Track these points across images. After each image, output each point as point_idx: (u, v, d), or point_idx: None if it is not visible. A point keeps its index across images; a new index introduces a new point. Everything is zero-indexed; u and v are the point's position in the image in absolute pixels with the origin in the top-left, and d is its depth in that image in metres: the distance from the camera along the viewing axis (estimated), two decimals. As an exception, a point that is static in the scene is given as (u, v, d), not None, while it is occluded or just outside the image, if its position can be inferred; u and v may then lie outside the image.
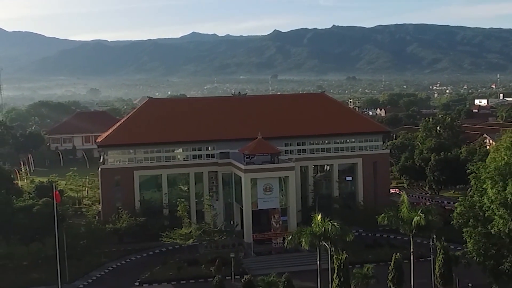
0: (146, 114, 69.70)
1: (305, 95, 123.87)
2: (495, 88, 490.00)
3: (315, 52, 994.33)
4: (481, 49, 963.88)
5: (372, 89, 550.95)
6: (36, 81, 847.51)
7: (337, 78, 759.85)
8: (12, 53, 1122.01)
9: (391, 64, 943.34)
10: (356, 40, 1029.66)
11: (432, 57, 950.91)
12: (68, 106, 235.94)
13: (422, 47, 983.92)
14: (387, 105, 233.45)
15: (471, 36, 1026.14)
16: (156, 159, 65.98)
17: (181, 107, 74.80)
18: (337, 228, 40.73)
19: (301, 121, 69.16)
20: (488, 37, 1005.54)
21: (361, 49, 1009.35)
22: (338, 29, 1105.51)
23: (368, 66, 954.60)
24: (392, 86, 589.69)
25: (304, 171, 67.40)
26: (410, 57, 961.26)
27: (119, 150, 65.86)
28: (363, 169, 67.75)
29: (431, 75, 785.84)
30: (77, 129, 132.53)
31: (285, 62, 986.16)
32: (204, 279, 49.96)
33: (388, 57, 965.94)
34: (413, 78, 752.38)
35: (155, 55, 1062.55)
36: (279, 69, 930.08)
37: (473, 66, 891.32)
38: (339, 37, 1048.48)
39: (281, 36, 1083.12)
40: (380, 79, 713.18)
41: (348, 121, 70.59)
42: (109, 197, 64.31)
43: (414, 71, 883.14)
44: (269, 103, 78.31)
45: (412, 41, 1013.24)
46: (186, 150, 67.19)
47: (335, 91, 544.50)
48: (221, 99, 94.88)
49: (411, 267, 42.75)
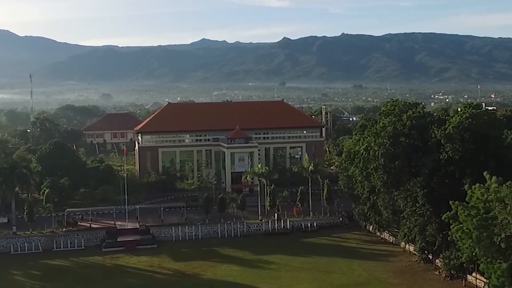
0: (166, 112, 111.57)
1: (270, 102, 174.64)
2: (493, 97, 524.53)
3: (324, 60, 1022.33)
4: (489, 59, 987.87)
5: (376, 97, 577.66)
6: (48, 85, 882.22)
7: (344, 86, 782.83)
8: (23, 57, 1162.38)
9: (399, 72, 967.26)
10: (364, 49, 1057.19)
11: (440, 66, 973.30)
12: (90, 110, 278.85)
13: (430, 56, 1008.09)
14: (371, 112, 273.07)
15: (480, 45, 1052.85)
16: (172, 141, 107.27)
17: (190, 109, 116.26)
18: (267, 170, 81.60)
19: (266, 118, 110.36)
20: (496, 47, 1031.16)
21: (370, 57, 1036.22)
22: (347, 37, 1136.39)
23: (376, 74, 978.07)
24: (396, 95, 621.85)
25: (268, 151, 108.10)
26: (418, 66, 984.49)
27: (149, 135, 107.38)
28: (306, 150, 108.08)
29: (438, 84, 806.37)
30: (107, 126, 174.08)
31: (293, 69, 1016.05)
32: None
33: (396, 66, 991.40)
34: (420, 87, 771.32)
35: (165, 61, 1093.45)
36: (288, 77, 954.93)
37: (481, 76, 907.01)
38: (348, 45, 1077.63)
39: (290, 43, 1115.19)
40: (386, 87, 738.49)
41: (297, 119, 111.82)
42: (143, 164, 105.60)
43: (422, 80, 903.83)
44: (246, 106, 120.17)
45: (420, 50, 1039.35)
46: (191, 136, 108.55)
47: (339, 98, 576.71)
48: (216, 104, 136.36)
49: (309, 194, 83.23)
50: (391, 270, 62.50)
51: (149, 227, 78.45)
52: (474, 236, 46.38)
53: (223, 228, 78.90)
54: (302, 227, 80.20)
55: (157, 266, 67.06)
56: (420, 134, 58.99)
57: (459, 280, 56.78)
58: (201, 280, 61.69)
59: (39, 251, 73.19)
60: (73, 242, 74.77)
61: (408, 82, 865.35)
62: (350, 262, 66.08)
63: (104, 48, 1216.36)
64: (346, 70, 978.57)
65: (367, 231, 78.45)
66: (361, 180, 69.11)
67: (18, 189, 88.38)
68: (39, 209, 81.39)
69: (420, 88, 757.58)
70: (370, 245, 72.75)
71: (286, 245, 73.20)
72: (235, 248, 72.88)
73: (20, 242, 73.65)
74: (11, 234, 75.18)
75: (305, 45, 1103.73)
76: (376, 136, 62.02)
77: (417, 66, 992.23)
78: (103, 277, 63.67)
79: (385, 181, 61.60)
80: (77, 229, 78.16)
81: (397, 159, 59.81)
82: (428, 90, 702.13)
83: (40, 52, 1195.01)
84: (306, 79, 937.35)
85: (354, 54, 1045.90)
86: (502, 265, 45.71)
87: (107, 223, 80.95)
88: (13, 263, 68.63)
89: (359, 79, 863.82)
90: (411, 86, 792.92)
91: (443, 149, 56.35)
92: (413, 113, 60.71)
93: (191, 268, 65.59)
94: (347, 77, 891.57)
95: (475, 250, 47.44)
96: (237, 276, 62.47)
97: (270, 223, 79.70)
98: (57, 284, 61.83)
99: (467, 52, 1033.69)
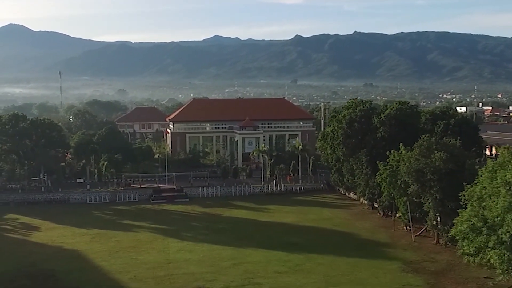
0: (192, 106, 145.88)
1: (274, 99, 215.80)
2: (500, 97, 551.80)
3: (336, 58, 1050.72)
4: (502, 58, 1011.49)
5: (385, 96, 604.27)
6: (62, 81, 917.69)
7: (356, 84, 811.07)
8: (38, 52, 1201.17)
9: (411, 71, 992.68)
10: (377, 47, 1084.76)
11: (453, 65, 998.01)
12: (114, 105, 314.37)
13: (442, 55, 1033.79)
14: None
15: (493, 45, 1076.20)
16: (196, 129, 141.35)
17: (210, 103, 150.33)
18: (268, 149, 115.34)
19: (270, 112, 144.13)
20: (510, 47, 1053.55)
21: (382, 56, 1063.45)
22: (359, 35, 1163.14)
23: (388, 73, 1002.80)
24: (405, 93, 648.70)
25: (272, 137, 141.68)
26: (430, 65, 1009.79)
27: (179, 124, 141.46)
28: (301, 137, 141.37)
29: (450, 84, 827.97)
30: (136, 118, 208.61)
31: (305, 67, 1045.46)
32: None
33: (408, 65, 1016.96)
34: (431, 86, 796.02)
35: (178, 58, 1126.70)
36: (299, 74, 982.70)
37: (493, 75, 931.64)
38: (361, 44, 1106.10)
39: (303, 41, 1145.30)
40: (396, 86, 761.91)
41: (295, 113, 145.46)
42: (174, 146, 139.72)
43: (434, 79, 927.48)
44: (254, 102, 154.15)
45: (433, 49, 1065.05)
46: (211, 125, 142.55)
47: (348, 96, 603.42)
48: (231, 100, 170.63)
49: (299, 167, 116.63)
50: (348, 213, 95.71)
51: (182, 188, 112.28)
52: (387, 181, 79.49)
53: (235, 189, 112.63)
54: (293, 190, 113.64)
55: (190, 210, 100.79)
56: (366, 121, 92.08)
57: (390, 217, 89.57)
58: (221, 217, 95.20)
59: (106, 202, 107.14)
60: (129, 196, 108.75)
61: (419, 81, 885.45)
62: (322, 209, 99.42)
63: (117, 44, 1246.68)
64: (358, 69, 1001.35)
65: (339, 193, 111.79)
66: (330, 153, 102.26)
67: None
68: (103, 174, 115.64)
69: (431, 87, 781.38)
70: (339, 201, 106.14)
71: (280, 200, 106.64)
72: (244, 201, 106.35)
73: (93, 196, 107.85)
74: (86, 190, 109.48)
75: (318, 43, 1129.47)
76: (338, 122, 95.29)
77: (429, 65, 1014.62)
78: (155, 214, 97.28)
79: (344, 153, 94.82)
80: (130, 188, 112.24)
81: (352, 137, 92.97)
82: (438, 89, 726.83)
83: (54, 48, 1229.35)
84: (317, 77, 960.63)
85: (367, 53, 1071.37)
86: (403, 199, 78.68)
87: (152, 185, 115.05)
88: (91, 208, 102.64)
89: (371, 78, 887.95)
90: (423, 85, 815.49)
91: (379, 131, 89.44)
92: (363, 107, 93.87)
93: (213, 211, 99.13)
94: (359, 76, 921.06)
95: (390, 191, 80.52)
96: (245, 214, 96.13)
97: (269, 186, 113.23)
98: (124, 218, 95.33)
99: (480, 52, 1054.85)
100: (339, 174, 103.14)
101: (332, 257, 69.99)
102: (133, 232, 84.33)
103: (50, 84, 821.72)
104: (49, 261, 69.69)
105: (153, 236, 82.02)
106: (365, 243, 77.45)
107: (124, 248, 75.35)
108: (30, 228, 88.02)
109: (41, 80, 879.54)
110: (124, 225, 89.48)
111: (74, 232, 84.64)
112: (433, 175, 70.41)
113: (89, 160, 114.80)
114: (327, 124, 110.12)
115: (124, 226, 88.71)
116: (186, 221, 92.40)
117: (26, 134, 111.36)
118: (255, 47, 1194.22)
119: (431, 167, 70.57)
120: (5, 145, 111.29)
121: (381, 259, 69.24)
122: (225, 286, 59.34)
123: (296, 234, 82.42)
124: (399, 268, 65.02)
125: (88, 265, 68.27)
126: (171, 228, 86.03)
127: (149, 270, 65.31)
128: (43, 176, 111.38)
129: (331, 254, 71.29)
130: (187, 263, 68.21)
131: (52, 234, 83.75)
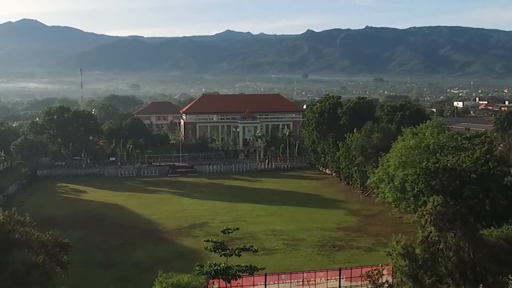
0: (201, 100, 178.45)
1: (270, 94, 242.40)
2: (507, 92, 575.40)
3: (347, 52, 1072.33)
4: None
5: (393, 91, 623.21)
6: (75, 75, 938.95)
7: (366, 79, 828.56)
8: (51, 47, 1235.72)
9: (422, 66, 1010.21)
10: (389, 42, 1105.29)
11: (464, 60, 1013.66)
12: (131, 99, 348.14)
13: (454, 49, 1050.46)
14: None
15: (506, 39, 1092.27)
16: (205, 119, 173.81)
17: (217, 98, 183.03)
18: (263, 135, 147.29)
19: (266, 105, 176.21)
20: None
21: (394, 50, 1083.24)
22: (371, 30, 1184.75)
23: (399, 68, 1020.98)
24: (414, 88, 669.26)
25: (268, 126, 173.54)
26: (442, 60, 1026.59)
27: (190, 115, 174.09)
28: (292, 126, 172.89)
29: (461, 78, 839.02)
30: (153, 111, 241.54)
31: (317, 62, 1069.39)
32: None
33: (420, 59, 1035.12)
34: (442, 81, 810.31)
35: (190, 52, 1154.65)
36: (311, 69, 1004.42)
37: (505, 70, 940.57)
38: (372, 38, 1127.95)
39: (314, 36, 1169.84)
40: (406, 81, 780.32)
41: (287, 106, 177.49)
42: (187, 133, 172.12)
43: (445, 74, 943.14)
44: (254, 97, 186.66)
45: (445, 44, 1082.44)
46: (217, 116, 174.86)
47: (357, 91, 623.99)
48: (234, 95, 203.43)
49: (287, 149, 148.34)
50: (320, 183, 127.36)
51: (193, 165, 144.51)
52: (343, 156, 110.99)
53: (235, 166, 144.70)
54: (281, 168, 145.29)
55: (199, 181, 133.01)
56: (333, 111, 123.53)
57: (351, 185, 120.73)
58: (222, 185, 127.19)
59: (133, 175, 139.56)
60: (151, 171, 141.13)
61: (431, 76, 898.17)
62: (301, 180, 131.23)
63: (130, 39, 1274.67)
64: (369, 63, 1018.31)
65: (318, 170, 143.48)
66: (308, 136, 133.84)
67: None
68: (130, 155, 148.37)
69: (441, 82, 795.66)
70: (316, 175, 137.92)
71: (270, 175, 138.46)
72: (241, 175, 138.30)
73: (123, 171, 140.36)
74: (117, 166, 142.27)
75: (329, 37, 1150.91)
76: (313, 113, 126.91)
77: (441, 60, 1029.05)
78: (172, 184, 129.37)
79: (317, 136, 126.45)
80: (152, 166, 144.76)
81: (322, 124, 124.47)
82: (448, 84, 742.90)
83: (67, 42, 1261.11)
84: (329, 71, 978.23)
85: (378, 47, 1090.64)
86: (353, 168, 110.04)
87: (168, 164, 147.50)
88: (123, 180, 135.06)
89: (382, 73, 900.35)
90: (433, 80, 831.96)
91: (342, 119, 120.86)
92: (332, 101, 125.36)
93: (217, 181, 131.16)
94: (370, 70, 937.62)
95: (347, 163, 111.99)
96: (241, 183, 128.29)
97: (262, 164, 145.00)
98: (148, 185, 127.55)
99: (492, 46, 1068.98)
100: (315, 153, 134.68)
101: (299, 207, 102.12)
102: (156, 194, 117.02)
103: (64, 78, 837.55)
104: (98, 209, 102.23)
105: (171, 196, 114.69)
106: (326, 200, 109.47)
107: (151, 202, 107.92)
108: (79, 191, 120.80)
109: (54, 75, 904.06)
110: (149, 189, 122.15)
111: (113, 193, 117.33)
112: (372, 149, 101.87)
113: (118, 143, 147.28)
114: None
115: (149, 190, 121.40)
116: (196, 187, 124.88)
117: (70, 122, 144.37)
118: (267, 41, 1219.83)
119: (370, 144, 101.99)
120: (53, 131, 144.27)
121: (333, 208, 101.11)
122: (221, 221, 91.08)
123: (277, 195, 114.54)
124: (343, 213, 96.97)
125: (127, 212, 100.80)
126: (184, 192, 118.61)
127: (169, 214, 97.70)
128: (83, 156, 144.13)
129: (299, 206, 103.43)
130: (196, 210, 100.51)
131: (96, 195, 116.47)
